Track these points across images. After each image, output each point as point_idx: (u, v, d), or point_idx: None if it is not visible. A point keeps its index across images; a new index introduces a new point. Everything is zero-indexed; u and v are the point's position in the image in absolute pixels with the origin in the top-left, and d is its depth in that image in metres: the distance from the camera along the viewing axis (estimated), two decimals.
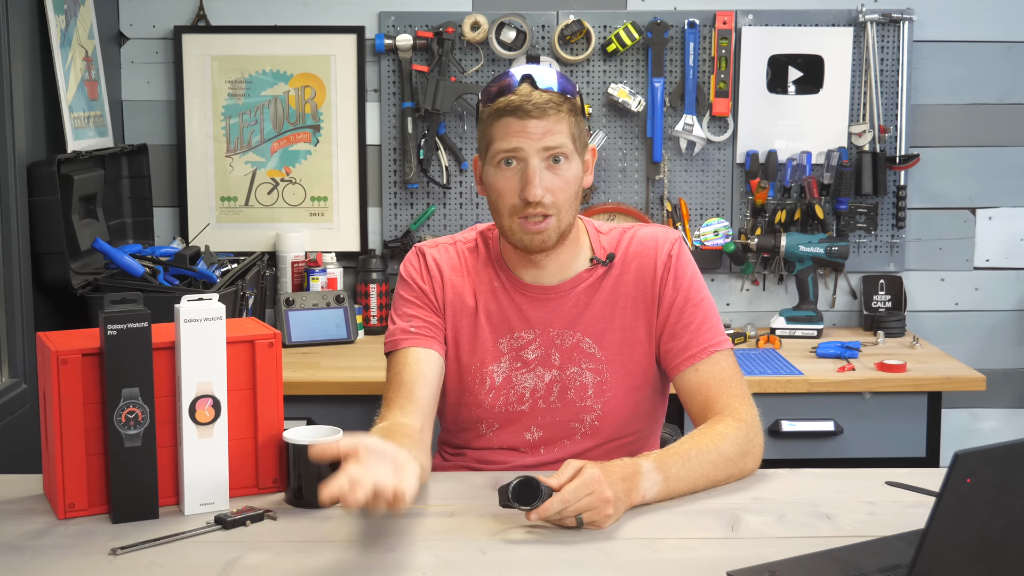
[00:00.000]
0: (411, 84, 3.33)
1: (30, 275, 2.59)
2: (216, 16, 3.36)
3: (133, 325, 1.62)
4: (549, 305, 1.97)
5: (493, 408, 1.97)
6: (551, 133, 1.84)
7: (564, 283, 1.97)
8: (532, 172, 1.84)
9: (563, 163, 1.87)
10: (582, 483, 1.58)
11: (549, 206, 1.86)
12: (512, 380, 1.96)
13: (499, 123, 1.86)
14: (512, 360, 1.96)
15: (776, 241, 3.32)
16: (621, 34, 3.30)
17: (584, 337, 1.96)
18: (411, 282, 1.99)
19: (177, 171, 3.40)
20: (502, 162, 1.87)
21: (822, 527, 1.64)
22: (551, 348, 1.96)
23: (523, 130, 1.84)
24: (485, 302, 1.98)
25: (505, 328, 1.97)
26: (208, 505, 1.68)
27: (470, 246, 2.02)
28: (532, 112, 1.83)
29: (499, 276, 1.99)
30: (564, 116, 1.86)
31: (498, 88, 1.88)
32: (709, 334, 1.94)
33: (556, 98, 1.85)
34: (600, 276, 1.97)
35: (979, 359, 3.42)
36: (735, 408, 1.87)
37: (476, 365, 1.97)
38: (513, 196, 1.87)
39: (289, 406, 1.83)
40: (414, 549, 1.56)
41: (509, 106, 1.84)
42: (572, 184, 1.88)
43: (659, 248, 1.97)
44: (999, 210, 3.47)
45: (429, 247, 2.02)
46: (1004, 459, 1.23)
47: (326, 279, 3.31)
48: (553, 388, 1.96)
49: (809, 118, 3.38)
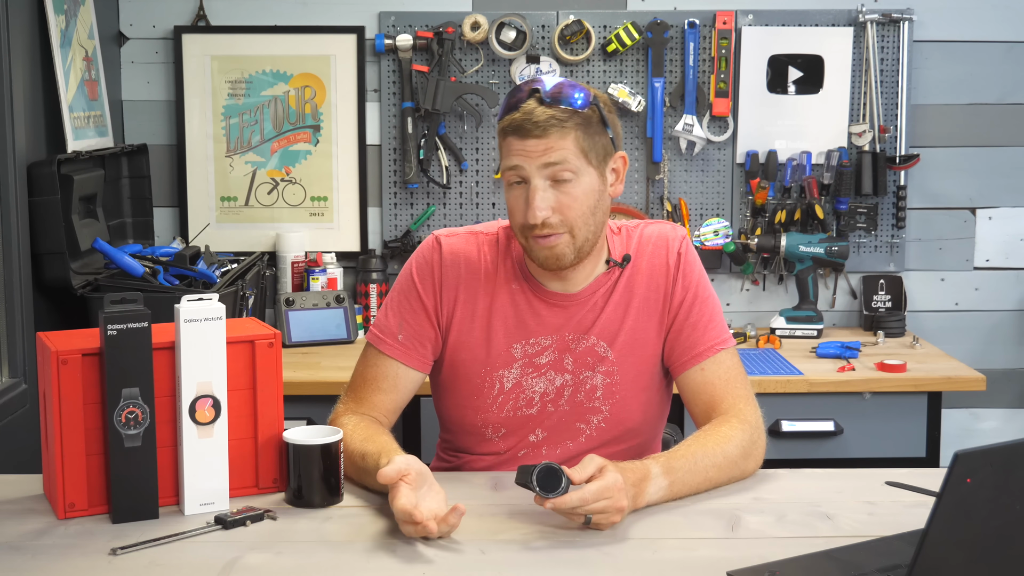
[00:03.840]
0: (411, 84, 3.33)
1: (30, 275, 2.59)
2: (216, 16, 3.36)
3: (133, 325, 1.62)
4: (569, 311, 1.94)
5: (501, 413, 1.94)
6: (551, 151, 1.80)
7: (584, 289, 1.94)
8: (532, 192, 1.81)
9: (571, 180, 1.82)
10: (604, 487, 1.58)
11: (556, 225, 1.82)
12: (522, 385, 1.94)
13: (505, 142, 1.85)
14: (524, 366, 1.93)
15: (776, 241, 3.32)
16: (621, 34, 3.30)
17: (599, 341, 1.94)
18: (420, 279, 1.95)
19: (177, 171, 3.40)
20: (512, 181, 1.85)
21: (822, 527, 1.64)
22: (565, 353, 1.94)
23: (523, 149, 1.81)
24: (501, 305, 1.94)
25: (521, 333, 1.94)
26: (208, 505, 1.68)
27: (491, 239, 1.98)
28: (532, 131, 1.80)
29: (519, 279, 1.95)
30: (569, 131, 1.81)
31: (508, 104, 1.86)
32: (715, 332, 1.93)
33: (560, 114, 1.80)
34: (615, 278, 1.96)
35: (979, 359, 3.42)
36: (740, 409, 1.87)
37: (486, 370, 1.94)
38: (521, 216, 1.84)
39: (289, 406, 1.83)
40: (414, 549, 1.56)
41: (512, 124, 1.82)
42: (584, 200, 1.83)
43: (668, 247, 1.96)
44: (999, 210, 3.47)
45: (447, 236, 1.97)
46: (1004, 459, 1.23)
47: (326, 279, 3.31)
48: (564, 392, 1.94)
49: (809, 118, 3.38)
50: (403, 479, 1.58)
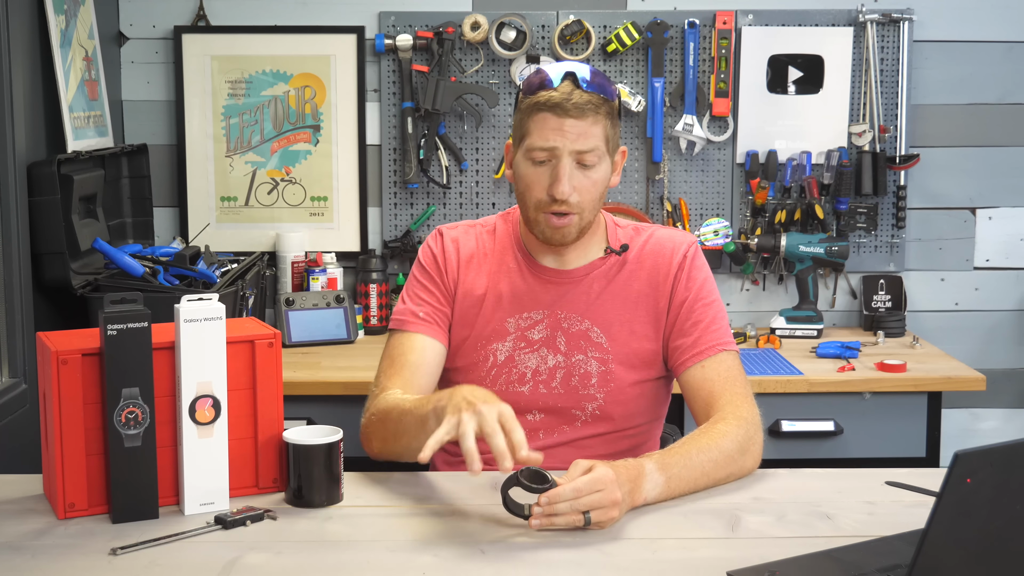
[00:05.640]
0: (411, 84, 3.33)
1: (30, 275, 2.59)
2: (216, 16, 3.36)
3: (133, 325, 1.62)
4: (561, 288, 2.00)
5: (494, 387, 1.98)
6: (586, 136, 1.87)
7: (577, 269, 2.00)
8: (562, 170, 1.87)
9: (594, 165, 1.90)
10: (594, 478, 1.59)
11: (574, 205, 1.90)
12: (515, 359, 1.99)
13: (537, 117, 1.88)
14: (517, 340, 1.99)
15: (776, 241, 3.32)
16: (621, 34, 3.30)
17: (593, 326, 1.98)
18: (427, 266, 2.05)
19: (177, 171, 3.40)
20: (539, 159, 1.89)
21: (822, 527, 1.64)
22: (557, 331, 1.99)
23: (560, 128, 1.86)
24: (496, 283, 2.01)
25: (515, 307, 2.00)
26: (208, 505, 1.68)
27: (488, 229, 2.07)
28: (571, 111, 1.86)
29: (515, 255, 2.03)
30: (601, 119, 1.89)
31: (540, 81, 1.90)
32: (717, 333, 1.96)
33: (596, 100, 1.88)
34: (614, 269, 2.01)
35: (979, 359, 3.42)
36: (737, 406, 1.89)
37: (481, 343, 2.00)
38: (541, 191, 1.90)
39: (289, 406, 1.83)
40: (414, 549, 1.56)
41: (549, 102, 1.87)
42: (599, 185, 1.92)
43: (676, 249, 2.01)
44: (999, 210, 3.47)
45: (449, 229, 2.08)
46: (1004, 459, 1.23)
47: (326, 279, 3.31)
48: (556, 373, 1.98)
49: (809, 118, 3.37)
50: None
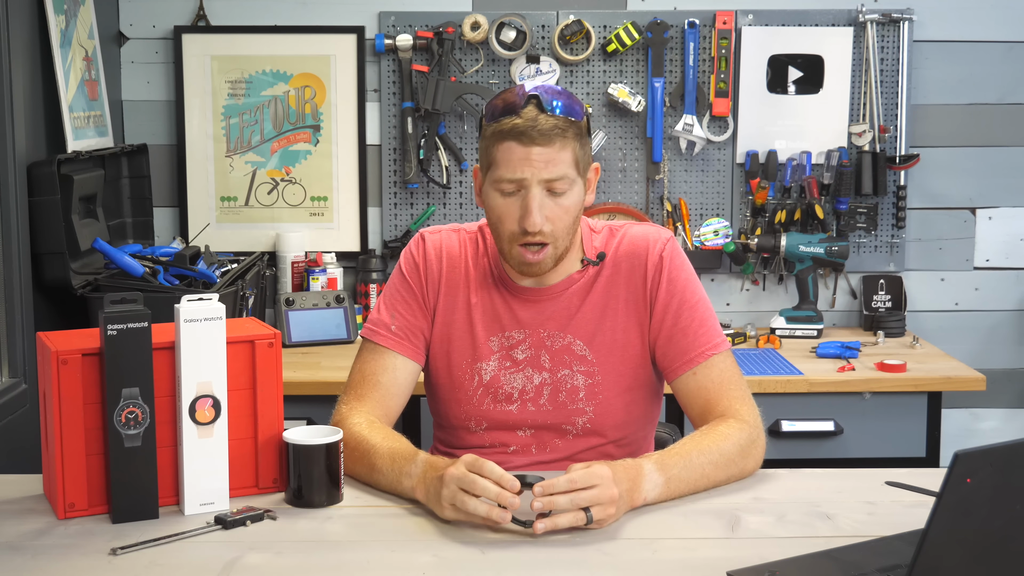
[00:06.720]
0: (411, 84, 3.33)
1: (30, 275, 2.59)
2: (216, 16, 3.36)
3: (133, 325, 1.62)
4: (539, 306, 1.96)
5: (481, 406, 1.96)
6: (555, 163, 1.81)
7: (555, 285, 1.96)
8: (532, 201, 1.81)
9: (565, 192, 1.84)
10: (590, 472, 1.59)
11: (548, 234, 1.84)
12: (500, 379, 1.95)
13: (502, 146, 1.82)
14: (501, 359, 1.95)
15: (776, 241, 3.32)
16: (621, 34, 3.30)
17: (575, 340, 1.94)
18: (407, 274, 1.99)
19: (177, 171, 3.40)
20: (507, 191, 1.84)
21: (822, 527, 1.64)
22: (541, 350, 1.95)
23: (527, 157, 1.80)
24: (479, 299, 1.97)
25: (496, 327, 1.96)
26: (208, 505, 1.68)
27: (471, 236, 2.01)
28: (537, 139, 1.79)
29: (493, 273, 1.98)
30: (569, 142, 1.82)
31: (503, 105, 1.83)
32: (706, 337, 1.92)
33: (563, 123, 1.81)
34: (591, 277, 1.96)
35: (979, 359, 3.42)
36: (736, 409, 1.87)
37: (467, 361, 1.96)
38: (513, 223, 1.85)
39: (289, 406, 1.83)
40: (414, 549, 1.56)
41: (515, 130, 1.80)
42: (572, 211, 1.86)
43: (650, 248, 1.95)
44: (999, 210, 3.47)
45: (431, 233, 2.01)
46: (1004, 459, 1.23)
47: (326, 279, 3.31)
48: (543, 390, 1.95)
49: (809, 118, 3.37)
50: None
